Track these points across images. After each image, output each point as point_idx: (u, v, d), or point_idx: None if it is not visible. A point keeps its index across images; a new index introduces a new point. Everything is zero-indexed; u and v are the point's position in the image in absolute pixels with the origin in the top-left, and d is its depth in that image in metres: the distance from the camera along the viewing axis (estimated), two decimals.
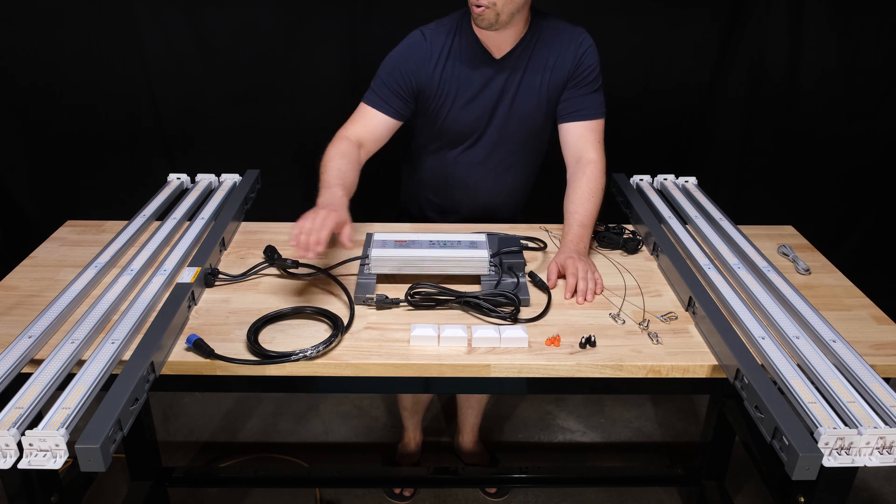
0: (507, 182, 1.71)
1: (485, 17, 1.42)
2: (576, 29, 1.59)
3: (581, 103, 1.58)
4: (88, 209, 2.47)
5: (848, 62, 2.33)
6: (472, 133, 1.62)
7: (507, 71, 1.55)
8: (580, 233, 1.48)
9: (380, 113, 1.56)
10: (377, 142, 1.58)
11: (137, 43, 2.26)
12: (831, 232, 2.61)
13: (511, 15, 1.44)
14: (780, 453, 0.94)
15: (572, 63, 1.55)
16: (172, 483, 1.92)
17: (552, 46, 1.55)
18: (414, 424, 2.13)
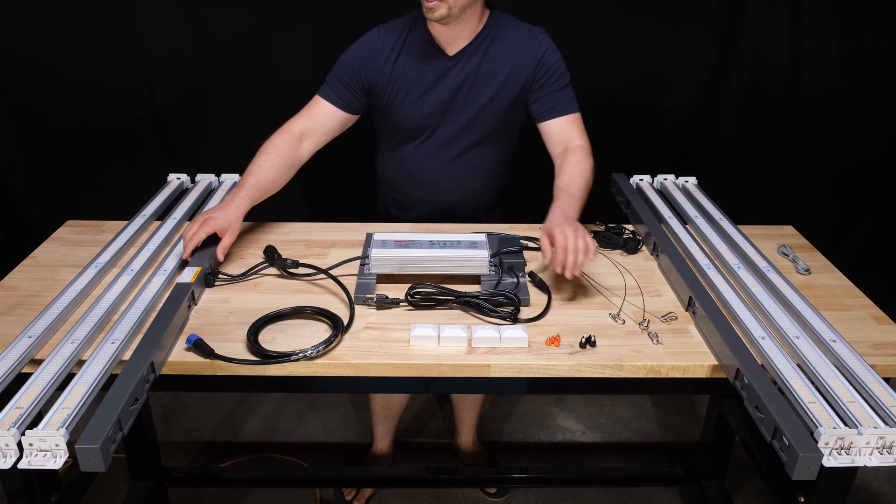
0: (465, 179, 1.70)
1: (435, 10, 1.43)
2: (534, 29, 1.60)
3: (554, 101, 1.59)
4: (88, 209, 2.47)
5: (848, 62, 2.33)
6: (424, 128, 1.63)
7: (461, 67, 1.56)
8: (568, 200, 1.44)
9: (329, 104, 1.60)
10: (325, 133, 1.61)
11: (137, 43, 2.26)
12: (831, 232, 2.61)
13: (462, 9, 1.45)
14: (780, 453, 0.94)
15: (533, 64, 1.56)
16: (172, 483, 1.92)
17: (509, 44, 1.56)
18: (383, 431, 2.08)
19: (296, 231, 1.62)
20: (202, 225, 1.37)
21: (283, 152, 1.53)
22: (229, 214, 1.41)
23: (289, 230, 1.62)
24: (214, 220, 1.39)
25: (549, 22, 2.27)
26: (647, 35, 2.29)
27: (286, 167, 1.54)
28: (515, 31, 1.58)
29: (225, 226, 1.40)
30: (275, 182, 1.53)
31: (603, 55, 2.33)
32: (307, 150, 1.60)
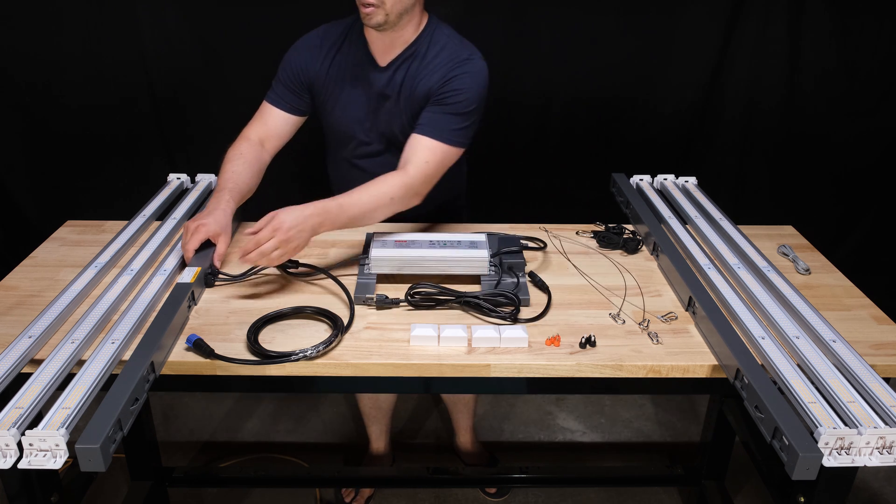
0: None
1: (373, 16, 1.40)
2: (464, 49, 1.49)
3: (430, 118, 1.45)
4: (88, 209, 2.47)
5: (848, 62, 2.33)
6: (356, 135, 1.60)
7: (388, 79, 1.52)
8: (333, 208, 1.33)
9: (276, 108, 1.60)
10: (279, 138, 1.61)
11: (137, 43, 2.26)
12: (831, 232, 2.61)
13: (399, 16, 1.42)
14: (780, 453, 0.94)
15: (440, 79, 1.46)
16: (172, 483, 1.92)
17: (432, 60, 1.49)
18: (377, 432, 2.08)
19: None
20: (195, 233, 1.36)
21: (250, 157, 1.53)
22: (219, 219, 1.39)
23: None
24: (206, 226, 1.37)
25: (550, 22, 2.29)
26: (647, 35, 2.29)
27: (256, 171, 1.54)
28: (443, 49, 1.49)
29: (217, 231, 1.38)
30: (251, 185, 1.52)
31: (603, 55, 2.33)
32: (269, 154, 1.60)
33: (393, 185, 1.40)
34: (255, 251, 1.25)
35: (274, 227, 1.26)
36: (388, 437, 2.11)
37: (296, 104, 1.60)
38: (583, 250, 1.54)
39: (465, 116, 1.47)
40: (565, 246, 1.56)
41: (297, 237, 1.28)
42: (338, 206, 1.34)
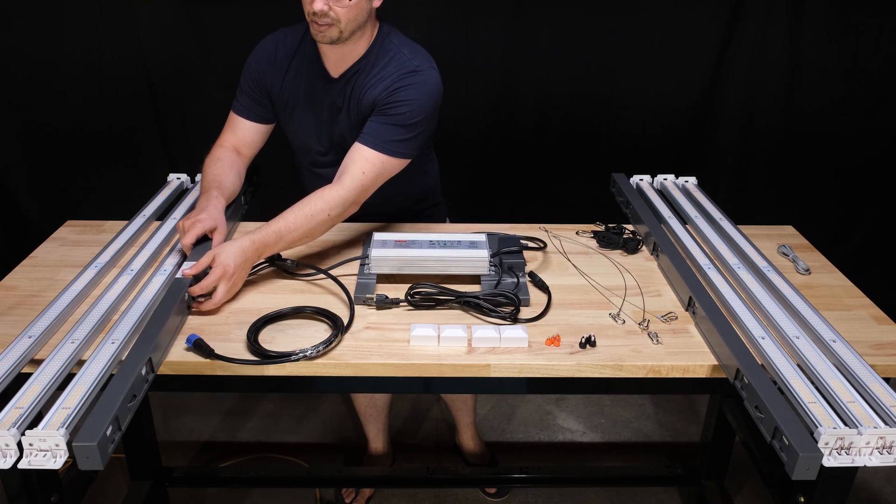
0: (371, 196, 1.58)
1: (326, 34, 1.38)
2: (414, 59, 1.45)
3: (371, 128, 1.43)
4: (88, 209, 2.47)
5: (848, 62, 2.33)
6: (315, 145, 1.59)
7: (340, 91, 1.50)
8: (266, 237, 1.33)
9: (242, 118, 1.60)
10: (251, 147, 1.62)
11: (137, 43, 2.26)
12: (831, 232, 2.61)
13: (352, 32, 1.40)
14: (780, 453, 0.94)
15: (384, 90, 1.43)
16: (172, 483, 1.91)
17: (382, 69, 1.46)
18: (375, 430, 2.07)
19: None
20: (191, 228, 1.36)
21: (228, 161, 1.55)
22: (213, 214, 1.40)
23: None
24: (202, 221, 1.37)
25: (550, 22, 2.29)
26: (647, 35, 2.29)
27: (236, 173, 1.56)
28: (392, 59, 1.45)
29: (213, 225, 1.39)
30: (234, 186, 1.54)
31: (603, 55, 2.33)
32: (245, 160, 1.62)
33: (328, 201, 1.38)
34: (210, 302, 1.26)
35: (220, 275, 1.26)
36: (386, 435, 2.11)
37: (260, 113, 1.59)
38: (583, 250, 1.55)
39: (409, 128, 1.43)
40: (565, 246, 1.56)
41: (240, 276, 1.32)
42: (275, 235, 1.34)
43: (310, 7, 1.36)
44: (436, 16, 2.23)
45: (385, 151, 1.42)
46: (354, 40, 1.44)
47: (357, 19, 1.39)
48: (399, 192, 1.59)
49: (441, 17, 2.23)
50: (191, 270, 1.27)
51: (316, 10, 1.34)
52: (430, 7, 2.20)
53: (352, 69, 1.48)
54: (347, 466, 2.15)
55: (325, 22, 1.36)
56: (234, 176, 1.55)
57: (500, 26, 2.28)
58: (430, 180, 1.74)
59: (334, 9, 1.35)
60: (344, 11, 1.36)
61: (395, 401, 2.39)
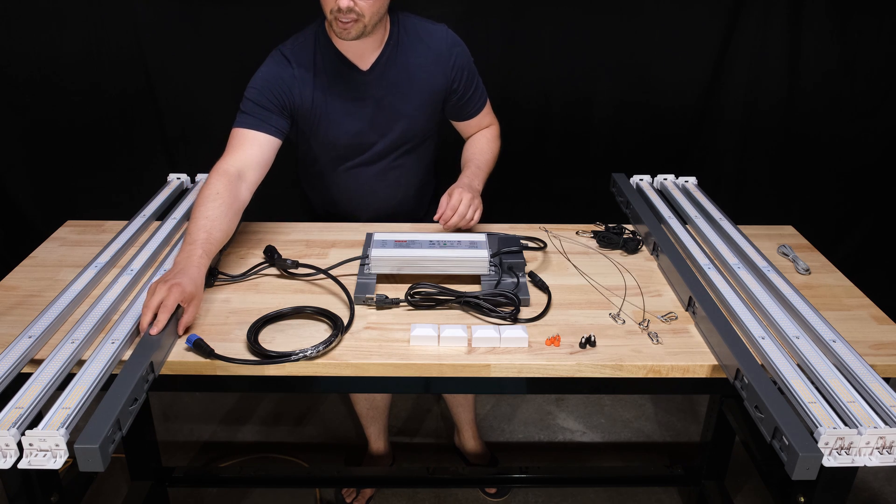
0: (401, 186, 1.70)
1: (352, 30, 1.38)
2: (438, 30, 1.57)
3: (468, 105, 1.64)
4: (88, 209, 2.47)
5: (848, 63, 2.33)
6: (355, 147, 1.60)
7: (378, 80, 1.52)
8: (475, 172, 1.60)
9: (261, 133, 1.46)
10: (262, 166, 1.47)
11: (137, 43, 2.26)
12: (831, 232, 2.61)
13: (375, 24, 1.42)
14: (780, 453, 0.94)
15: (447, 72, 1.56)
16: (172, 483, 1.92)
17: (421, 50, 1.53)
18: (376, 432, 2.08)
19: (296, 231, 1.62)
20: (169, 292, 1.15)
21: (227, 197, 1.35)
22: (195, 279, 1.21)
23: (289, 230, 1.62)
24: (181, 286, 1.16)
25: (550, 22, 2.29)
26: (647, 35, 2.29)
27: (233, 214, 1.37)
28: (422, 35, 1.54)
29: (193, 293, 1.19)
30: (227, 233, 1.35)
31: (603, 55, 2.33)
32: (249, 190, 1.43)
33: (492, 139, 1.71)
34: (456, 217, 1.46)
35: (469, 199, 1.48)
36: (387, 436, 2.11)
37: (281, 126, 1.49)
38: (583, 250, 1.55)
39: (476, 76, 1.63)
40: (565, 246, 1.56)
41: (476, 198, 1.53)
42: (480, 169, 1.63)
43: (334, 4, 1.36)
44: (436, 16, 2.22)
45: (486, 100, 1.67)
46: (376, 31, 1.45)
47: (380, 11, 1.41)
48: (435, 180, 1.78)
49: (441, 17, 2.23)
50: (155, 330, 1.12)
51: (342, 7, 1.35)
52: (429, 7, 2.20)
53: (382, 55, 1.51)
54: (347, 466, 2.15)
55: (350, 18, 1.36)
56: (230, 220, 1.35)
57: (500, 26, 2.28)
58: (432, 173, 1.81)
59: (359, 4, 1.36)
60: (368, 5, 1.37)
61: (395, 401, 2.40)
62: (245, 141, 1.46)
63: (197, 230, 1.29)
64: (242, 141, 1.46)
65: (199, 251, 1.25)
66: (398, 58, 1.52)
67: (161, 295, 1.14)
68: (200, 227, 1.29)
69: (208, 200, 1.33)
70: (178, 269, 1.21)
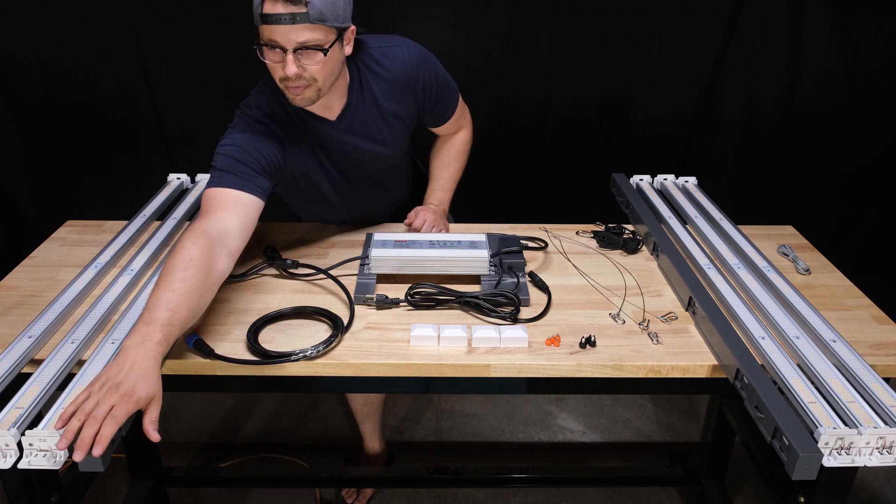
0: (380, 200, 1.67)
1: (305, 96, 1.27)
2: (397, 52, 1.42)
3: (441, 112, 1.58)
4: (88, 209, 2.47)
5: (848, 62, 2.33)
6: (335, 188, 1.53)
7: (348, 128, 1.43)
8: (443, 187, 1.65)
9: (245, 193, 1.27)
10: (247, 231, 1.27)
11: (137, 43, 2.26)
12: (831, 232, 2.61)
13: (331, 85, 1.31)
14: (780, 453, 0.94)
15: (417, 94, 1.47)
16: (172, 483, 1.91)
17: (383, 83, 1.42)
18: (370, 429, 2.07)
19: (296, 231, 1.62)
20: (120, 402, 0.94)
21: (202, 266, 1.12)
22: (150, 378, 0.98)
23: (289, 230, 1.62)
24: (135, 396, 0.95)
25: (550, 22, 2.28)
26: (647, 35, 2.29)
27: (207, 287, 1.14)
28: (384, 64, 1.42)
29: (149, 398, 0.98)
30: (195, 312, 1.11)
31: (603, 55, 2.33)
32: (228, 261, 1.20)
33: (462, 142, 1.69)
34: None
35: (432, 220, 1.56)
36: (381, 433, 2.11)
37: (265, 188, 1.32)
38: (583, 250, 1.55)
39: (442, 79, 1.52)
40: (565, 246, 1.56)
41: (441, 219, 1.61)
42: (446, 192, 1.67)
43: (281, 73, 1.23)
44: (436, 16, 2.23)
45: (455, 105, 1.59)
46: (334, 87, 1.34)
47: (333, 72, 1.29)
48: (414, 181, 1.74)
49: (441, 17, 2.23)
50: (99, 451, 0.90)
51: (290, 75, 1.22)
52: (430, 7, 2.20)
53: (349, 104, 1.41)
54: (347, 466, 2.15)
55: (300, 84, 1.25)
56: (200, 297, 1.12)
57: (500, 26, 2.27)
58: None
59: (308, 69, 1.23)
60: (318, 69, 1.24)
61: (393, 399, 2.40)
62: (227, 201, 1.25)
63: (158, 306, 1.05)
64: (223, 201, 1.25)
65: (157, 335, 1.01)
66: (363, 99, 1.42)
67: (108, 404, 0.92)
68: (163, 302, 1.05)
69: (178, 269, 1.10)
70: (129, 366, 0.97)
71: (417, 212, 1.57)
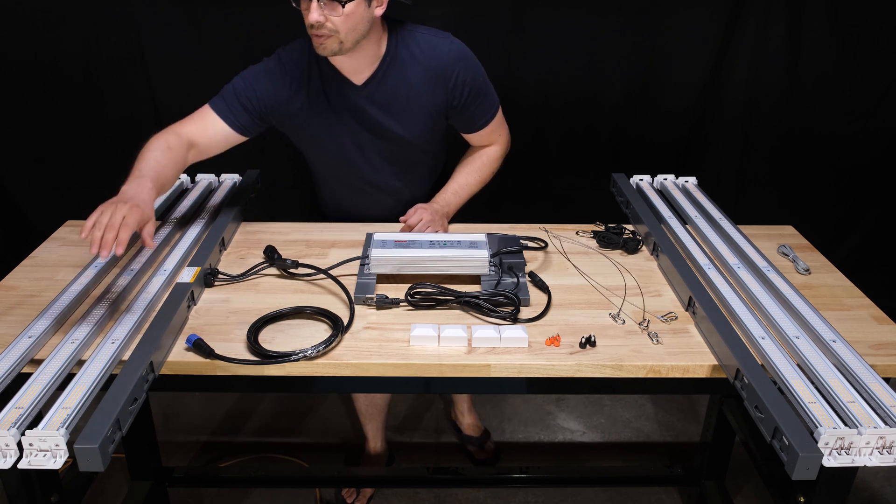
0: (405, 194, 1.68)
1: (327, 46, 1.36)
2: (442, 44, 1.49)
3: (472, 120, 1.59)
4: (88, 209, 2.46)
5: (848, 62, 2.33)
6: (350, 157, 1.59)
7: (370, 96, 1.49)
8: (454, 193, 1.64)
9: (222, 122, 1.50)
10: (211, 149, 1.51)
11: (137, 43, 2.26)
12: (831, 232, 2.61)
13: (356, 42, 1.37)
14: (780, 453, 0.94)
15: (448, 93, 1.50)
16: (172, 483, 1.92)
17: (417, 66, 1.47)
18: (373, 429, 2.08)
19: (296, 231, 1.62)
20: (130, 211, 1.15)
21: (176, 152, 1.40)
22: (149, 204, 1.24)
23: (289, 230, 1.62)
24: (140, 209, 1.18)
25: (550, 21, 2.28)
26: (647, 35, 2.29)
27: (178, 168, 1.41)
28: (424, 50, 1.48)
29: (149, 216, 1.23)
30: (170, 179, 1.38)
31: (603, 55, 2.33)
32: (194, 156, 1.48)
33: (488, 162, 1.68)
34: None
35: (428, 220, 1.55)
36: (384, 434, 2.11)
37: (247, 125, 1.51)
38: (583, 250, 1.55)
39: (483, 88, 1.55)
40: (565, 246, 1.56)
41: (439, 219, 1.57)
42: (456, 196, 1.63)
43: (307, 19, 1.34)
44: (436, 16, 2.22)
45: (493, 117, 1.61)
46: (363, 47, 1.41)
47: (357, 29, 1.36)
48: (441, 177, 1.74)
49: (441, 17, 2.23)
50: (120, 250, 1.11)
51: (312, 22, 1.32)
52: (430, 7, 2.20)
53: (376, 73, 1.47)
54: (347, 466, 2.15)
55: (322, 33, 1.34)
56: (175, 171, 1.39)
57: (500, 26, 2.28)
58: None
59: (330, 19, 1.32)
60: (340, 21, 1.33)
61: (395, 400, 2.40)
62: (206, 119, 1.50)
63: (147, 168, 1.31)
64: (204, 118, 1.50)
65: (149, 184, 1.26)
66: (394, 74, 1.47)
67: (121, 213, 1.13)
68: (151, 166, 1.31)
69: (158, 150, 1.37)
70: (132, 193, 1.22)
71: (416, 209, 1.56)
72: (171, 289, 1.26)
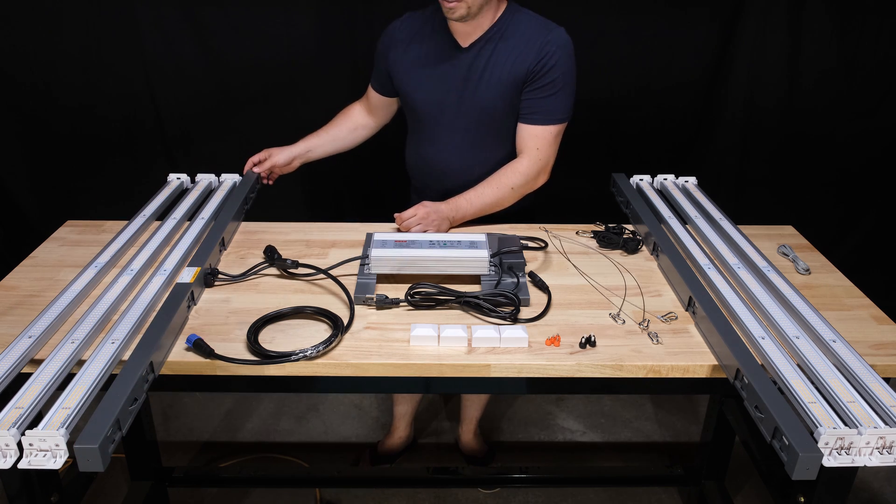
0: (475, 171, 1.69)
1: (456, 10, 1.49)
2: (549, 27, 1.59)
3: (534, 106, 1.61)
4: (88, 209, 2.47)
5: (848, 62, 2.33)
6: (434, 114, 1.67)
7: (472, 60, 1.60)
8: (461, 203, 1.61)
9: (372, 88, 1.79)
10: (378, 115, 1.83)
11: (137, 43, 2.26)
12: (831, 232, 2.61)
13: (481, 7, 1.51)
14: (780, 453, 0.94)
15: (533, 62, 1.57)
16: (172, 483, 1.92)
17: (518, 40, 1.58)
18: (402, 413, 2.12)
19: (296, 231, 1.62)
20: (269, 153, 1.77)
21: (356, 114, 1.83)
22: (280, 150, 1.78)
23: (289, 230, 1.62)
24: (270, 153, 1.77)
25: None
26: (647, 35, 2.29)
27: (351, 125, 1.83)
28: (528, 24, 1.59)
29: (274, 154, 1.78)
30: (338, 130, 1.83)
31: (603, 55, 2.33)
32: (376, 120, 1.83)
33: (511, 177, 1.62)
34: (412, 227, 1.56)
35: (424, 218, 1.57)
36: (412, 420, 2.15)
37: (385, 85, 1.74)
38: (583, 250, 1.55)
39: (561, 91, 1.60)
40: (565, 246, 1.56)
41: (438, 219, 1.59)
42: (469, 204, 1.61)
43: None
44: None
45: (553, 122, 1.62)
46: (483, 14, 1.54)
47: None
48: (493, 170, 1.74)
49: None
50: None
51: None
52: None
53: (483, 38, 1.58)
54: (347, 466, 2.15)
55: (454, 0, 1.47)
56: (346, 127, 1.82)
57: None
58: None
59: None
60: None
61: None
62: (368, 92, 1.82)
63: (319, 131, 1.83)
64: (368, 94, 1.82)
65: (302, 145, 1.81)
66: (496, 42, 1.58)
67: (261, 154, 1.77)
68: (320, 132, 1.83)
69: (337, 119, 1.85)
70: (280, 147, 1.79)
71: (422, 204, 1.58)
72: (171, 289, 1.26)
